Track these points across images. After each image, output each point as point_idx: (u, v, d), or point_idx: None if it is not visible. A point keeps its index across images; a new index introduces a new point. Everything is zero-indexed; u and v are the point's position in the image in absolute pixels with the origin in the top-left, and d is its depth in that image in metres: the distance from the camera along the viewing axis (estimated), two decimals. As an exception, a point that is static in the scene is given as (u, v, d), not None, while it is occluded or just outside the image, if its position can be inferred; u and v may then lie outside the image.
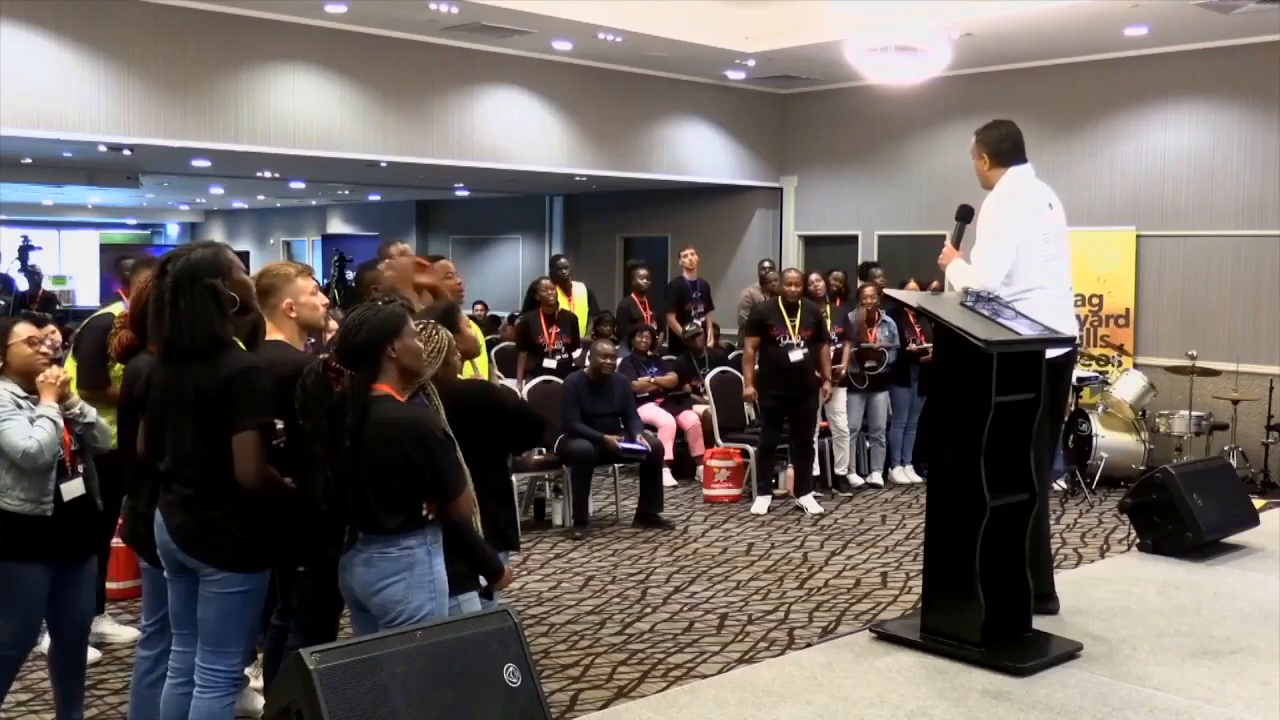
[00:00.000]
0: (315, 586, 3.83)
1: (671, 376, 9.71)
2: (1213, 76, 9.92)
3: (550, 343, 9.27)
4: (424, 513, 3.42)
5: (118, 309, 4.98)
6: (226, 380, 3.31)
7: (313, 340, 4.35)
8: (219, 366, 3.32)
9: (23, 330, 4.03)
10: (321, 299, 4.00)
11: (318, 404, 3.35)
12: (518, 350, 9.52)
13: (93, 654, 5.14)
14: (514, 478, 7.11)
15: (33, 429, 3.83)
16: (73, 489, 3.95)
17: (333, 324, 4.19)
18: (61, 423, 3.93)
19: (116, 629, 5.41)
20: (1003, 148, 5.00)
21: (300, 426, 3.42)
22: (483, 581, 3.83)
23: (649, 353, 9.81)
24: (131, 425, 3.65)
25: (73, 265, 25.79)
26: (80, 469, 4.02)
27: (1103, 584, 5.72)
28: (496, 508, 4.06)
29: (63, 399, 3.98)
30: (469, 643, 3.18)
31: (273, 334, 3.85)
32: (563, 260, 10.86)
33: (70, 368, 5.04)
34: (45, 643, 5.15)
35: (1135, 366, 10.10)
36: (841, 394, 9.05)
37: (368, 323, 3.42)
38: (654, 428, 8.82)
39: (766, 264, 11.38)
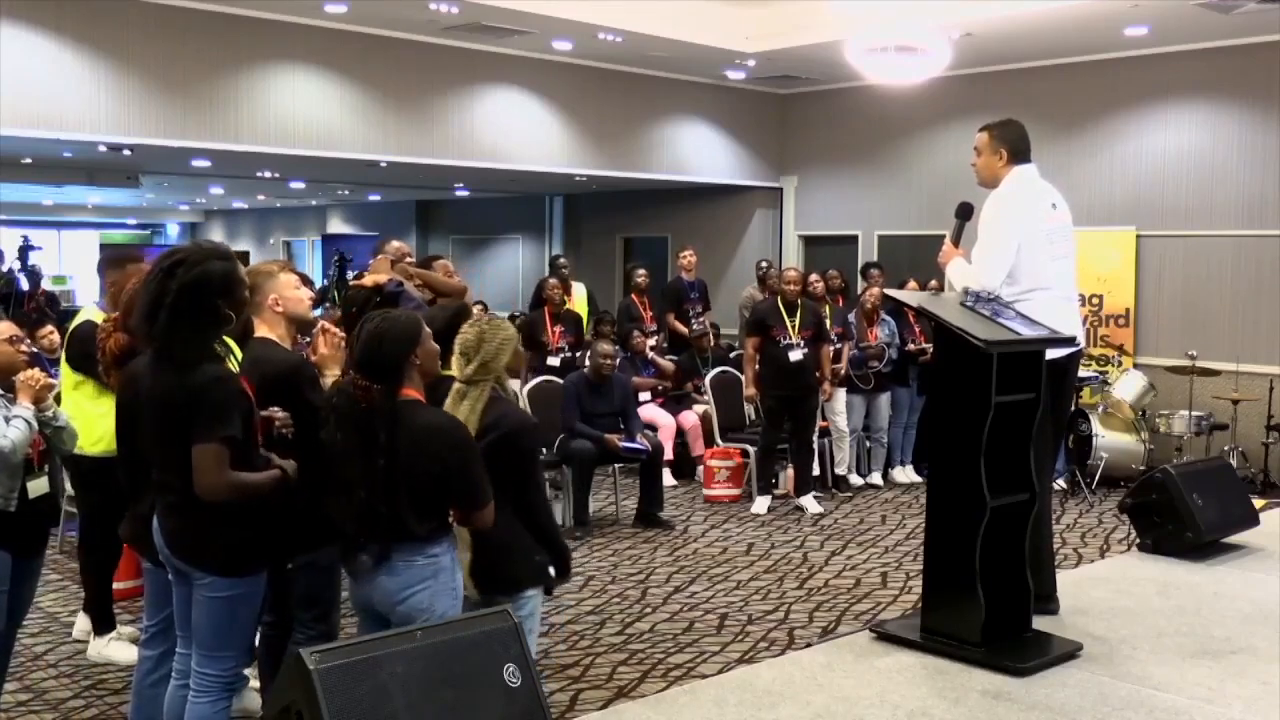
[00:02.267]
0: (307, 582, 3.83)
1: (670, 365, 9.76)
2: (1213, 76, 9.91)
3: (554, 341, 9.30)
4: (450, 520, 3.46)
5: (96, 314, 4.94)
6: (194, 391, 3.24)
7: (306, 340, 4.35)
8: (191, 377, 3.25)
9: (4, 329, 4.07)
10: (306, 292, 4.00)
11: (348, 421, 3.36)
12: (523, 348, 9.56)
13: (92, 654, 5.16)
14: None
15: (7, 428, 3.84)
16: (38, 486, 3.99)
17: (325, 324, 4.18)
18: (35, 424, 3.93)
19: (119, 649, 5.32)
20: (1020, 145, 5.00)
21: (330, 448, 3.41)
22: (551, 572, 3.86)
23: (644, 353, 9.80)
24: (130, 427, 3.64)
25: (73, 265, 25.78)
26: (46, 468, 4.05)
27: (1103, 584, 5.72)
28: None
29: (38, 401, 3.98)
30: (469, 643, 3.18)
31: (260, 330, 3.84)
32: (562, 260, 10.88)
33: (68, 376, 5.03)
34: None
35: (1135, 366, 10.10)
36: (841, 394, 9.05)
37: (387, 335, 3.43)
38: (654, 428, 8.83)
39: (764, 264, 11.40)
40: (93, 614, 5.24)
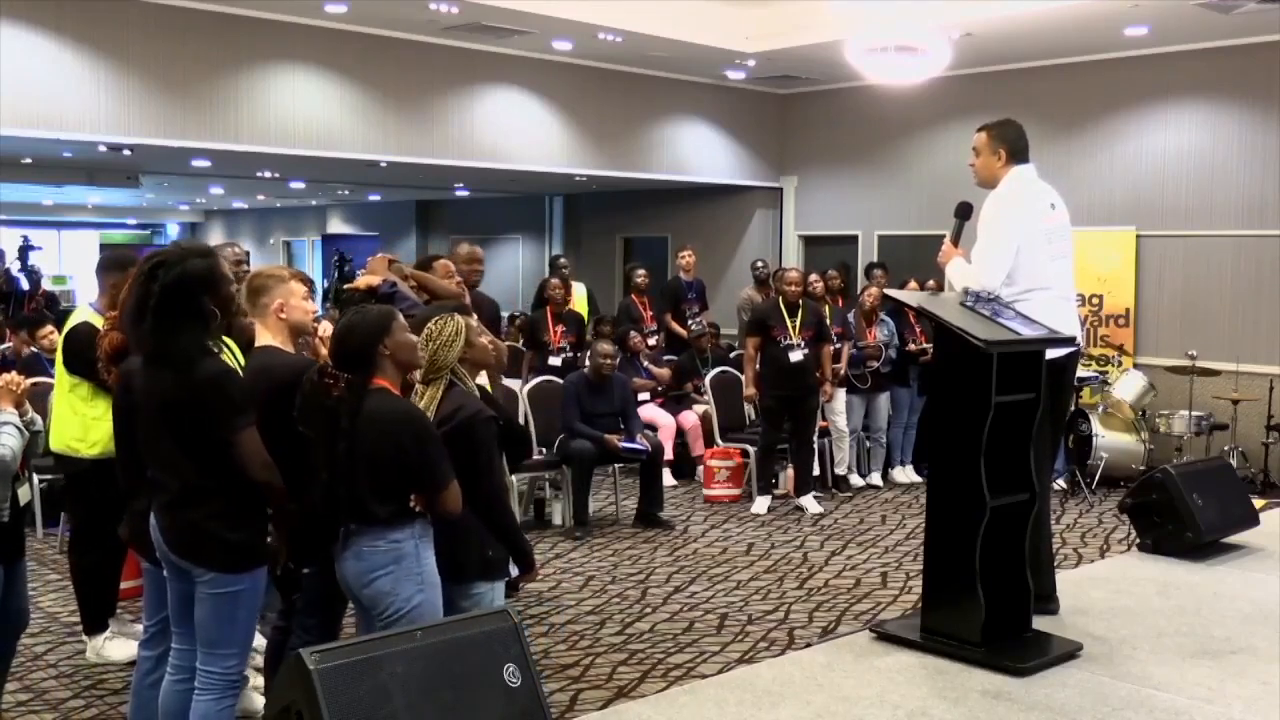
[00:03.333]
0: (320, 587, 3.83)
1: (665, 371, 9.75)
2: (1213, 76, 9.91)
3: (555, 341, 9.30)
4: (412, 505, 3.47)
5: (91, 316, 4.96)
6: (197, 387, 3.27)
7: (301, 340, 4.35)
8: (191, 373, 3.28)
9: None
10: (312, 305, 3.99)
11: (317, 409, 3.41)
12: (525, 348, 9.61)
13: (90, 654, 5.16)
14: (513, 479, 7.17)
15: (2, 437, 3.75)
16: (25, 493, 3.95)
17: (326, 324, 4.18)
18: (24, 429, 3.84)
19: (116, 647, 5.34)
20: (1019, 145, 4.99)
21: (302, 433, 3.46)
22: (513, 570, 3.85)
23: (641, 353, 9.80)
24: (127, 427, 3.64)
25: (73, 265, 25.79)
26: (27, 473, 3.99)
27: (1103, 584, 5.72)
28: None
29: (18, 405, 3.91)
30: (469, 643, 3.18)
31: (262, 336, 3.84)
32: (563, 260, 10.88)
33: (63, 377, 5.03)
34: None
35: (1135, 366, 10.10)
36: (841, 394, 9.05)
37: (357, 327, 3.49)
38: (654, 428, 8.82)
39: (760, 264, 11.39)
40: (84, 615, 5.24)
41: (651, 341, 10.25)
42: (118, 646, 5.11)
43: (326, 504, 3.46)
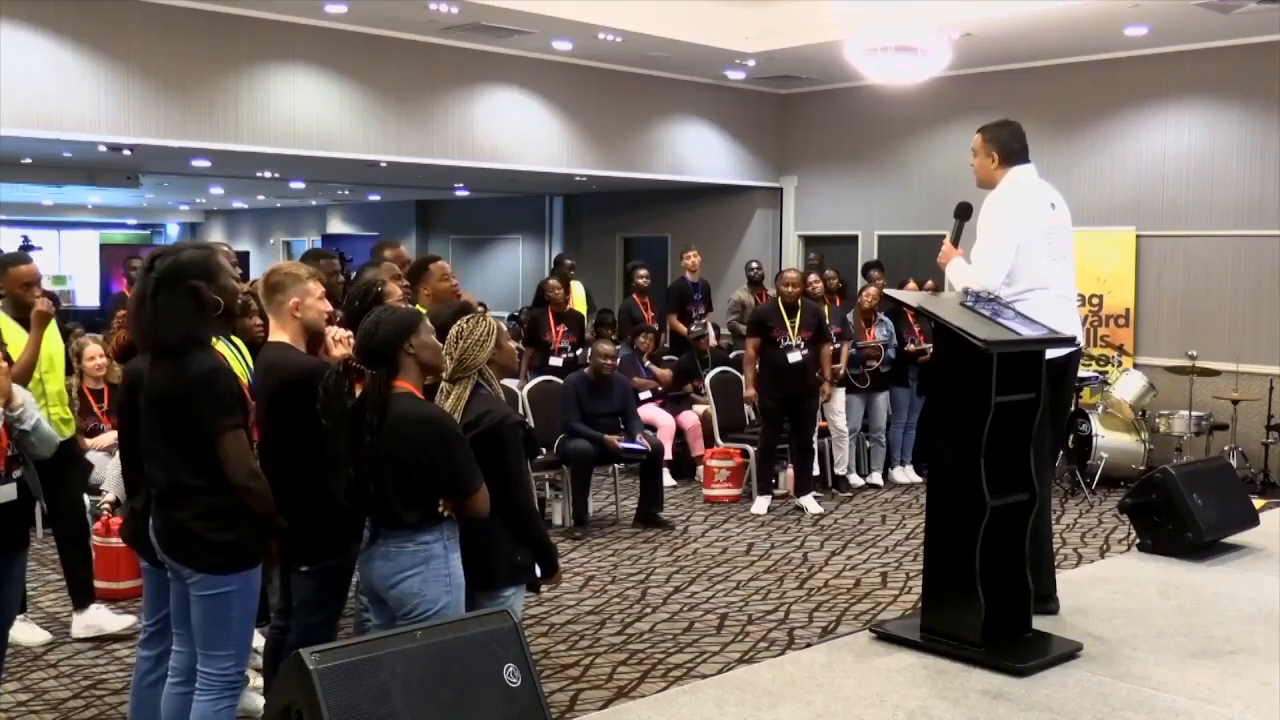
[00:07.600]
0: (317, 586, 3.83)
1: (666, 373, 9.76)
2: (1213, 76, 9.91)
3: (556, 341, 9.30)
4: (440, 509, 3.48)
5: None
6: (188, 384, 3.24)
7: None
8: (184, 369, 3.25)
9: None
10: (326, 305, 4.00)
11: (339, 403, 3.43)
12: (525, 346, 9.62)
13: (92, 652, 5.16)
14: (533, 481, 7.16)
15: None
16: (5, 494, 3.86)
17: (330, 328, 4.19)
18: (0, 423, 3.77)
19: (110, 618, 5.39)
20: (1013, 147, 4.98)
21: (323, 425, 3.47)
22: (537, 571, 3.87)
23: (646, 353, 9.80)
24: (129, 426, 3.64)
25: (73, 265, 25.78)
26: (16, 474, 3.91)
27: (1103, 584, 5.71)
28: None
29: (6, 401, 3.85)
30: (469, 643, 3.18)
31: (276, 333, 3.85)
32: (569, 261, 10.87)
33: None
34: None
35: (1135, 366, 10.10)
36: (840, 394, 9.05)
37: (384, 322, 3.51)
38: (654, 428, 8.82)
39: (754, 265, 11.38)
40: (70, 589, 5.35)
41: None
42: (108, 616, 5.15)
43: (353, 500, 3.48)
